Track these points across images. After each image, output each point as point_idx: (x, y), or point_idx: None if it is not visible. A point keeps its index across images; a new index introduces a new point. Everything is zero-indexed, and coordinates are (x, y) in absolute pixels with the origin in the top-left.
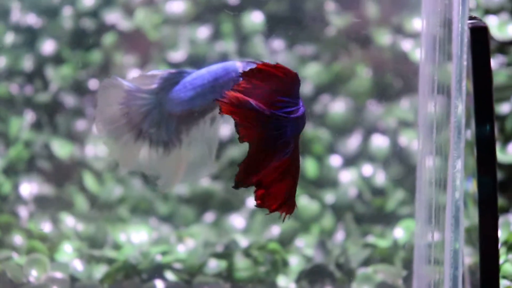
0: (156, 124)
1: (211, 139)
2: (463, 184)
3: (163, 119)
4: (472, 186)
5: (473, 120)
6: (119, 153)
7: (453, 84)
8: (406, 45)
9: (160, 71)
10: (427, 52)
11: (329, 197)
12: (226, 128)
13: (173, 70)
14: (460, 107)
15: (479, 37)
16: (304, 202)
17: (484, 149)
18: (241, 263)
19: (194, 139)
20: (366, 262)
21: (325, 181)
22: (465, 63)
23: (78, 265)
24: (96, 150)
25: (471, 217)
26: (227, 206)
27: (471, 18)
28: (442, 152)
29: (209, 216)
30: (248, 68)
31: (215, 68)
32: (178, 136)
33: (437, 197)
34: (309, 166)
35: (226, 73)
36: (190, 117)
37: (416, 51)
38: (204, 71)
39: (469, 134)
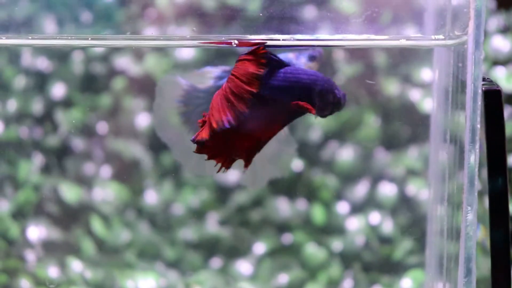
0: None
1: None
2: (476, 234)
3: None
4: (480, 234)
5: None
6: (179, 156)
7: (466, 135)
8: (415, 94)
9: (213, 68)
10: (439, 101)
11: (337, 244)
12: (233, 173)
13: (227, 68)
14: (473, 157)
15: (493, 100)
16: (311, 249)
17: (496, 202)
18: None
19: None
20: None
21: (333, 228)
22: (478, 126)
23: None
24: (104, 193)
25: (480, 268)
26: (234, 252)
27: (484, 79)
28: (454, 201)
29: (216, 262)
30: (301, 58)
31: None
32: None
33: (449, 247)
34: (316, 212)
35: None
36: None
37: (424, 101)
38: None
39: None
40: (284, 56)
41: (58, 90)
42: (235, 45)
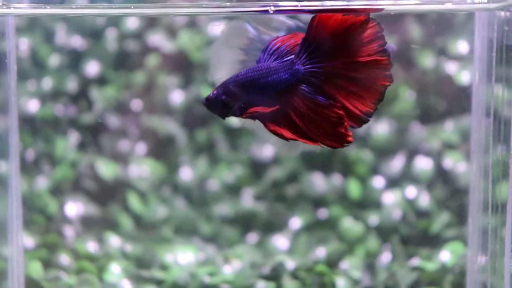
0: None
1: None
2: None
3: None
4: None
5: None
6: None
7: None
8: (451, 67)
9: (288, 20)
10: (481, 72)
11: (373, 218)
12: (268, 149)
13: (302, 24)
14: None
15: None
16: (348, 223)
17: None
18: (289, 285)
19: None
20: (414, 286)
21: (369, 203)
22: None
23: (126, 286)
24: (140, 170)
25: None
26: (270, 227)
27: None
28: (499, 176)
29: (252, 237)
30: None
31: None
32: None
33: (494, 221)
34: (352, 187)
35: None
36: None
37: (461, 74)
38: None
39: None
40: None
41: (92, 67)
42: (271, 12)
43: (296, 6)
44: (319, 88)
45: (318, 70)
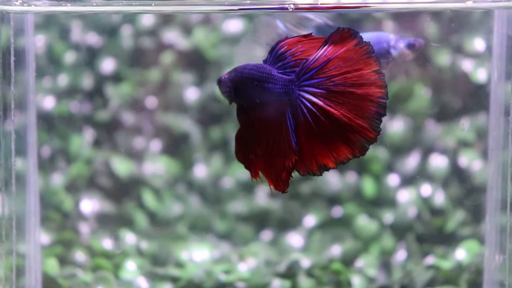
0: None
1: None
2: None
3: None
4: None
5: None
6: None
7: None
8: (467, 65)
9: (317, 17)
10: (499, 70)
11: (388, 216)
12: None
13: (330, 22)
14: None
15: None
16: (363, 221)
17: None
18: (305, 284)
19: None
20: (430, 284)
21: (384, 201)
22: None
23: (142, 283)
24: (155, 167)
25: None
26: (284, 225)
27: None
28: None
29: (267, 235)
30: (399, 42)
31: (368, 36)
32: None
33: (511, 220)
34: (367, 185)
35: (378, 42)
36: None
37: (478, 71)
38: None
39: None
40: (379, 35)
41: (107, 65)
42: (291, 10)
43: (316, 4)
44: (305, 116)
45: (311, 98)
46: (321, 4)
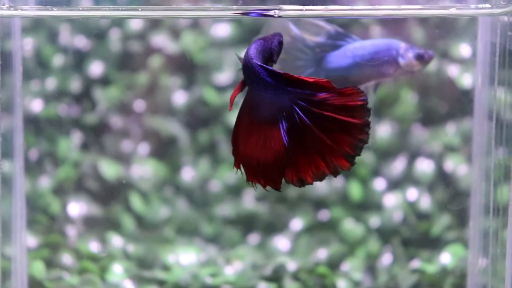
0: None
1: None
2: None
3: None
4: None
5: None
6: None
7: None
8: (453, 70)
9: (328, 25)
10: (483, 76)
11: (374, 220)
12: None
13: (340, 30)
14: None
15: None
16: (349, 225)
17: None
18: (291, 287)
19: None
20: (415, 287)
21: (370, 205)
22: None
23: (129, 286)
24: (142, 170)
25: None
26: (271, 228)
27: None
28: (501, 179)
29: (254, 238)
30: (409, 52)
31: (378, 42)
32: None
33: (495, 224)
34: (353, 189)
35: (387, 49)
36: (342, 85)
37: (463, 77)
38: (368, 42)
39: None
40: (390, 42)
41: (95, 68)
42: (276, 16)
43: (301, 10)
44: (300, 117)
45: (299, 113)
46: (306, 9)
